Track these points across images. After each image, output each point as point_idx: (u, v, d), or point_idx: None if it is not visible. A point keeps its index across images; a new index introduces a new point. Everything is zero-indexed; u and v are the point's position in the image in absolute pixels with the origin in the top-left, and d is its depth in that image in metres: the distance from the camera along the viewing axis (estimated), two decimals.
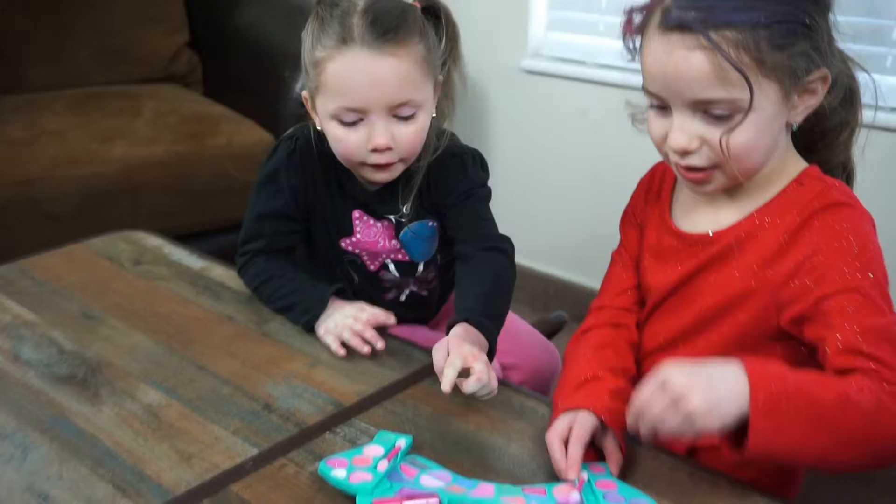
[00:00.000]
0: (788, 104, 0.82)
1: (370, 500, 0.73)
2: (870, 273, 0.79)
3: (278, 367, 0.98)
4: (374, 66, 0.97)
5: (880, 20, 1.72)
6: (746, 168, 0.83)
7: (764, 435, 0.70)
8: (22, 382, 0.95)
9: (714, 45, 0.76)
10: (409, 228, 1.13)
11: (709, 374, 0.72)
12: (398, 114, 1.00)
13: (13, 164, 1.86)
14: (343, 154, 1.04)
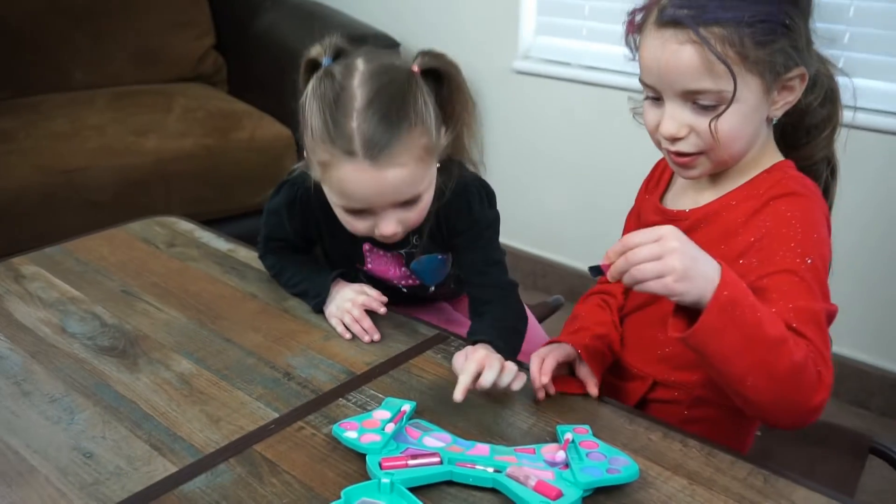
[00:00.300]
0: (769, 98, 0.82)
1: (379, 458, 0.73)
2: (808, 259, 0.79)
3: (297, 339, 0.98)
4: (378, 177, 0.87)
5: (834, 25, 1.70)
6: (732, 153, 0.84)
7: (709, 328, 0.70)
8: (69, 353, 0.95)
9: (702, 40, 0.77)
10: (418, 262, 1.06)
11: (697, 251, 0.72)
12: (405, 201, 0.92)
13: (58, 155, 1.85)
14: (350, 229, 0.97)
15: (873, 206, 1.69)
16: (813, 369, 0.74)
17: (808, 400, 0.74)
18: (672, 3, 0.79)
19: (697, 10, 0.78)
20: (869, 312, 1.78)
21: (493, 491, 0.72)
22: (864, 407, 1.83)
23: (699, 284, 0.70)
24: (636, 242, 0.72)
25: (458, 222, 1.01)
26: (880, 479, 1.56)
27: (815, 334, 0.76)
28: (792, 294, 0.78)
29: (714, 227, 0.87)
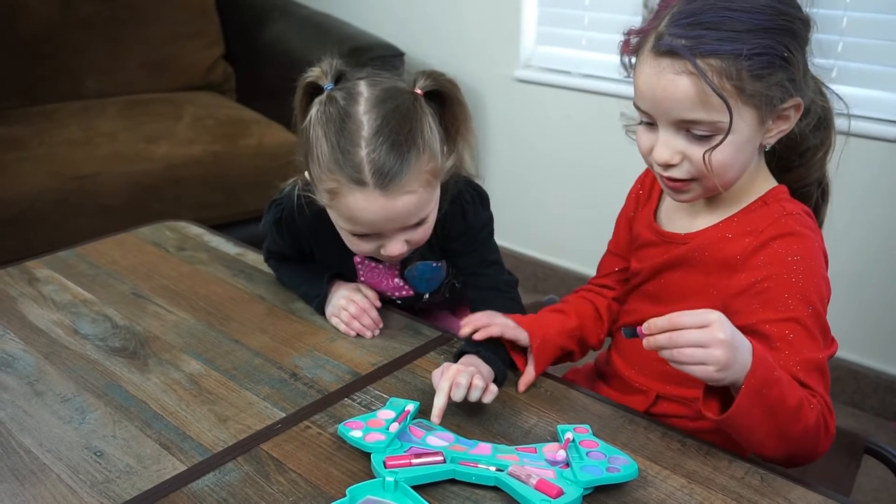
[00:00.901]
0: (763, 128, 0.80)
1: (383, 457, 0.73)
2: (810, 305, 0.79)
3: (303, 341, 0.97)
4: (388, 206, 0.86)
5: (827, 35, 1.71)
6: (723, 182, 0.82)
7: (742, 411, 0.71)
8: (81, 354, 0.95)
9: (699, 72, 0.75)
10: (413, 268, 1.03)
11: (739, 340, 0.71)
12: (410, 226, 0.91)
13: (71, 162, 1.85)
14: (355, 251, 0.96)
15: (868, 212, 1.69)
16: (822, 424, 0.76)
17: (815, 452, 0.77)
18: (670, 31, 0.77)
19: (695, 40, 0.75)
20: (864, 315, 1.77)
21: (494, 489, 0.71)
22: (859, 408, 1.82)
23: (737, 372, 0.71)
24: (684, 324, 0.71)
25: (452, 228, 1.00)
26: (875, 479, 1.55)
27: (820, 384, 0.77)
28: (797, 345, 0.78)
29: (713, 259, 0.86)
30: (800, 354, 0.77)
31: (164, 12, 2.37)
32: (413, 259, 1.02)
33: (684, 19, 0.76)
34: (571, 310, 0.98)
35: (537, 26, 2.17)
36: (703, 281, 0.86)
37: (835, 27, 1.68)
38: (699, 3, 0.77)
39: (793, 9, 0.78)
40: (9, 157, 1.83)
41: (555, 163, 2.20)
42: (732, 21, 0.75)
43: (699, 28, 0.75)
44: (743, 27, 0.75)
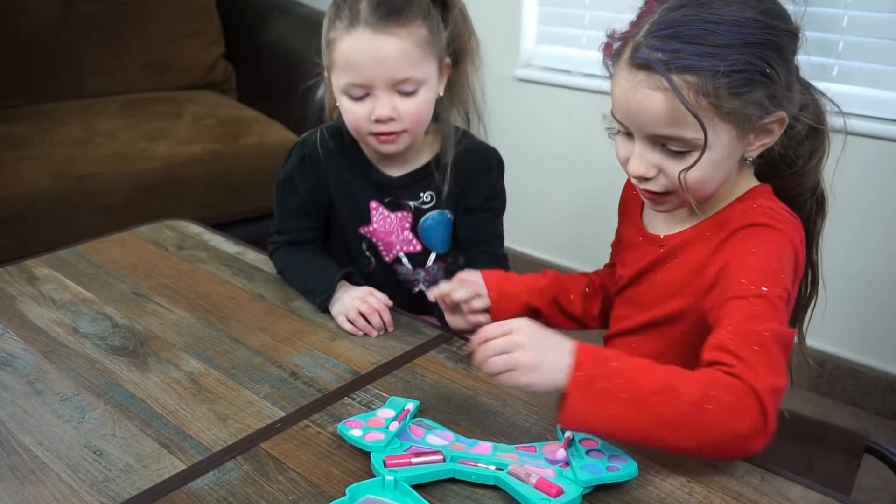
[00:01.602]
0: (743, 143, 0.78)
1: (383, 456, 0.72)
2: (764, 287, 0.74)
3: (303, 339, 0.97)
4: (376, 45, 0.94)
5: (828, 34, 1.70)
6: (699, 197, 0.80)
7: (577, 407, 0.68)
8: (80, 353, 0.95)
9: (674, 90, 0.72)
10: (427, 218, 1.08)
11: (546, 340, 0.71)
12: (401, 89, 0.98)
13: (71, 161, 1.85)
14: (352, 124, 1.01)
15: (867, 210, 1.69)
16: (719, 396, 0.67)
17: (726, 427, 0.67)
18: (647, 42, 0.74)
19: (672, 55, 0.72)
20: (864, 315, 1.77)
21: (494, 488, 0.71)
22: (860, 407, 1.82)
23: (547, 375, 0.69)
24: (489, 335, 0.72)
25: (476, 184, 1.07)
26: (876, 478, 1.55)
27: (753, 355, 0.70)
28: (738, 318, 0.73)
29: (687, 258, 0.84)
30: (738, 326, 0.72)
31: (165, 11, 2.37)
32: (427, 211, 1.08)
33: (662, 30, 0.74)
34: (550, 273, 0.99)
35: (538, 25, 2.17)
36: (679, 282, 0.85)
37: (835, 26, 1.68)
38: (679, 14, 0.74)
39: (779, 21, 0.75)
40: (9, 156, 1.83)
41: (555, 161, 2.20)
42: (712, 35, 0.72)
43: (677, 41, 0.73)
44: (723, 42, 0.72)
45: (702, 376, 0.69)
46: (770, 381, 0.69)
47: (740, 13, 0.73)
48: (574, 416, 0.68)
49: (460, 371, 0.89)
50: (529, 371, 0.69)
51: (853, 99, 1.68)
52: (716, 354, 0.71)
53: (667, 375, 0.69)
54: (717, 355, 0.71)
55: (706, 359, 0.72)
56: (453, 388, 0.86)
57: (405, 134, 1.01)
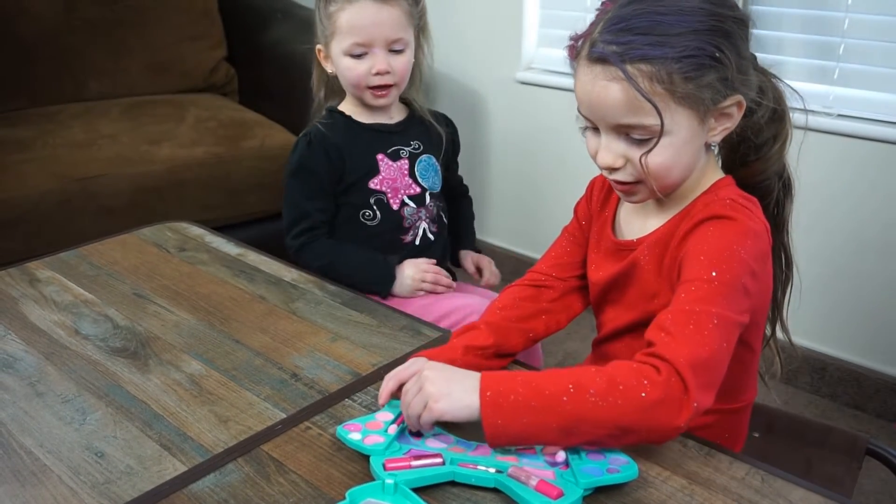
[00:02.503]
0: (705, 127, 0.80)
1: (382, 459, 0.72)
2: (713, 272, 0.75)
3: (304, 341, 0.97)
4: (376, 11, 1.20)
5: (829, 37, 1.70)
6: (665, 185, 0.82)
7: (495, 424, 0.69)
8: (82, 354, 0.95)
9: (628, 79, 0.75)
10: (421, 160, 1.31)
11: (452, 374, 0.74)
12: (393, 48, 1.22)
13: (74, 163, 1.85)
14: (353, 80, 1.24)
15: (869, 213, 1.68)
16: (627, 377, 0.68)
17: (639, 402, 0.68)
18: (602, 38, 0.77)
19: (625, 46, 0.76)
20: (865, 317, 1.77)
21: (494, 491, 0.71)
22: (861, 409, 1.82)
23: (458, 398, 0.71)
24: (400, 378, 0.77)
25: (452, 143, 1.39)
26: (877, 481, 1.55)
27: (683, 332, 0.71)
28: (680, 300, 0.74)
29: (657, 256, 0.85)
30: (680, 307, 0.74)
31: (167, 14, 2.37)
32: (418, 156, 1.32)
33: (615, 25, 0.77)
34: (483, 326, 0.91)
35: (539, 28, 2.17)
36: (657, 280, 0.86)
37: (836, 29, 1.68)
38: (630, 9, 0.77)
39: (724, 8, 0.78)
40: (12, 158, 1.83)
41: (556, 164, 2.19)
42: (661, 25, 0.75)
43: (629, 34, 0.76)
44: (672, 31, 0.75)
45: (609, 367, 0.71)
46: (691, 353, 0.69)
47: (686, 3, 0.76)
48: (495, 432, 0.70)
49: None
50: (440, 399, 0.71)
51: (854, 102, 1.68)
52: (652, 333, 0.74)
53: (572, 375, 0.70)
54: (652, 334, 0.73)
55: (647, 337, 0.74)
56: None
57: (394, 88, 1.26)
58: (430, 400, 0.72)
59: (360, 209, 1.28)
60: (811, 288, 1.85)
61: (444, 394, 0.72)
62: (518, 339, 0.92)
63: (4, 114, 2.11)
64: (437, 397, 0.72)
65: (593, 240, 0.97)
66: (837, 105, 1.69)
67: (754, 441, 1.03)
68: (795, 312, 0.97)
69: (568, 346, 1.94)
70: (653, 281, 0.86)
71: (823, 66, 1.71)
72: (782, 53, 1.77)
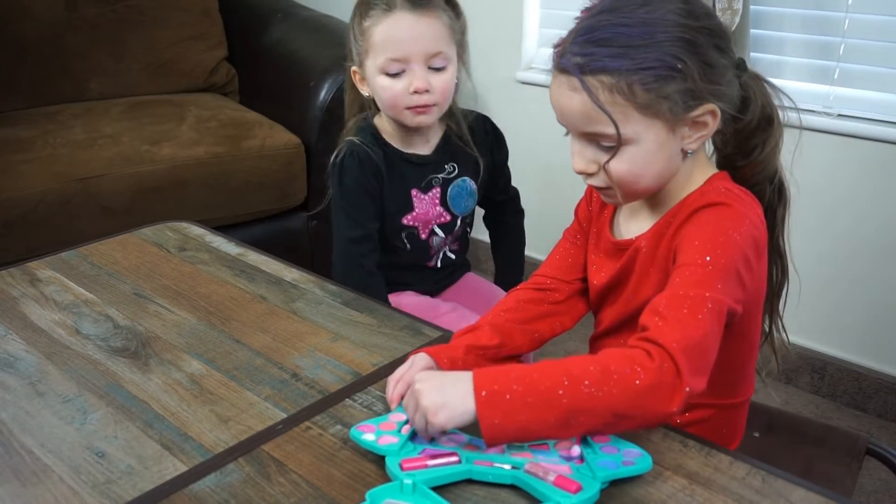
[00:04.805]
0: (676, 136, 0.81)
1: (398, 460, 0.72)
2: (708, 256, 0.76)
3: (304, 341, 0.97)
4: (413, 24, 1.10)
5: (829, 37, 1.70)
6: (633, 191, 0.83)
7: (492, 423, 0.69)
8: (82, 354, 0.95)
9: (585, 90, 0.77)
10: (455, 186, 1.25)
11: (443, 381, 0.73)
12: (432, 65, 1.13)
13: (75, 163, 1.85)
14: (390, 101, 1.15)
15: (869, 213, 1.68)
16: (620, 365, 0.69)
17: (633, 388, 0.68)
18: (570, 49, 0.79)
19: (588, 58, 0.77)
20: (866, 317, 1.77)
21: (511, 487, 0.71)
22: (861, 409, 1.82)
23: (457, 405, 0.70)
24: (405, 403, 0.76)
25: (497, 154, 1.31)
26: (877, 480, 1.55)
27: (676, 316, 0.72)
28: (675, 284, 0.75)
29: (652, 249, 0.86)
30: (674, 291, 0.74)
31: (168, 15, 2.37)
32: (452, 181, 1.25)
33: (582, 36, 0.79)
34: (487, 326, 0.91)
35: (539, 29, 2.17)
36: (656, 276, 0.86)
37: (837, 29, 1.68)
38: (597, 19, 0.79)
39: (691, 19, 0.78)
40: (13, 158, 1.83)
41: (556, 164, 2.19)
42: (622, 37, 0.77)
43: (592, 45, 0.77)
44: (634, 42, 0.76)
45: (601, 355, 0.71)
46: (683, 337, 0.70)
47: (653, 14, 0.77)
48: (493, 432, 0.69)
49: None
50: (437, 411, 0.71)
51: (854, 101, 1.68)
52: (646, 317, 0.74)
53: (566, 367, 0.70)
54: (646, 318, 0.74)
55: (641, 322, 0.74)
56: None
57: (435, 107, 1.16)
58: (427, 414, 0.71)
59: (390, 240, 1.26)
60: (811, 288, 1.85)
61: (440, 405, 0.71)
62: (523, 339, 0.92)
63: (4, 114, 2.11)
64: (434, 410, 0.71)
65: (592, 241, 0.97)
66: (837, 105, 1.69)
67: (754, 441, 1.03)
68: (795, 312, 0.97)
69: (569, 346, 1.94)
70: (652, 277, 0.87)
71: (823, 66, 1.71)
72: (782, 53, 1.77)
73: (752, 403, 0.99)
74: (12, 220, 1.73)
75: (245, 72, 2.45)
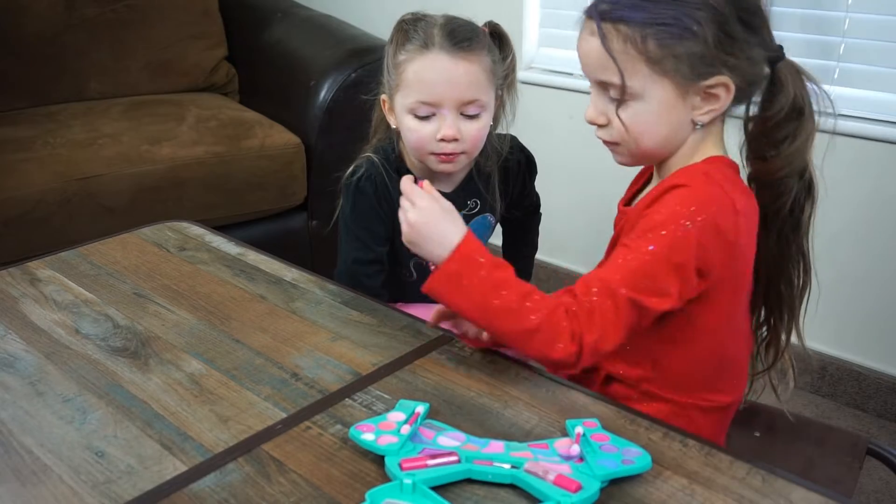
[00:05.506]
0: (687, 103, 0.82)
1: (398, 459, 0.72)
2: (650, 245, 0.79)
3: (304, 340, 0.97)
4: (450, 66, 1.01)
5: (829, 37, 1.70)
6: (637, 151, 0.86)
7: (437, 291, 0.81)
8: (82, 354, 0.95)
9: (600, 34, 0.81)
10: (473, 222, 1.17)
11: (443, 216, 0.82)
12: (465, 112, 1.05)
13: (75, 163, 1.85)
14: (415, 143, 1.08)
15: (872, 213, 1.68)
16: (548, 333, 0.78)
17: (548, 352, 0.79)
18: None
19: (611, 6, 0.81)
20: (867, 317, 1.77)
21: (510, 487, 0.71)
22: (862, 409, 1.82)
23: (431, 245, 0.81)
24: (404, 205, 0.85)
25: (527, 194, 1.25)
26: (878, 481, 1.55)
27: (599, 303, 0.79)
28: (611, 266, 0.81)
29: (632, 222, 0.87)
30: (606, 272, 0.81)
31: (168, 14, 2.37)
32: (472, 217, 1.18)
33: None
34: None
35: (540, 28, 2.17)
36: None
37: (836, 29, 1.68)
38: None
39: None
40: (12, 157, 1.83)
41: (557, 164, 2.19)
42: None
43: None
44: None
45: (545, 309, 0.78)
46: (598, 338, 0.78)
47: None
48: (433, 291, 0.81)
49: (461, 372, 0.89)
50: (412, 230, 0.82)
51: (854, 101, 1.68)
52: (579, 286, 0.81)
53: (516, 299, 0.78)
54: (579, 287, 0.81)
55: (576, 287, 0.81)
56: (454, 389, 0.86)
57: (463, 156, 1.08)
58: (405, 224, 0.83)
59: (397, 268, 1.21)
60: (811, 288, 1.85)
61: (420, 232, 0.82)
62: None
63: (4, 113, 2.11)
64: (410, 228, 0.82)
65: None
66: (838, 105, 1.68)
67: (754, 441, 1.03)
68: None
69: None
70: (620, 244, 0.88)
71: (824, 66, 1.71)
72: None
73: (753, 403, 0.98)
74: (12, 219, 1.73)
75: (245, 71, 2.45)
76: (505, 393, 0.85)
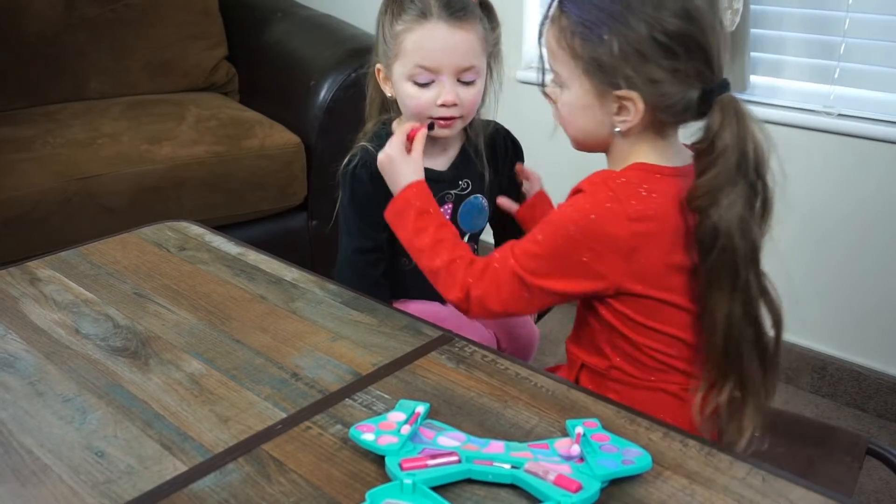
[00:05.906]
0: (604, 107, 0.85)
1: (398, 460, 0.72)
2: (539, 236, 0.88)
3: (304, 340, 0.97)
4: (448, 35, 1.07)
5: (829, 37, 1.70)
6: (569, 134, 0.95)
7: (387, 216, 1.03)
8: (82, 354, 0.95)
9: (549, 19, 0.88)
10: (468, 202, 1.22)
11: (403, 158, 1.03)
12: (462, 78, 1.10)
13: (75, 163, 1.85)
14: (414, 109, 1.12)
15: (871, 213, 1.68)
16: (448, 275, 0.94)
17: (445, 293, 0.95)
18: None
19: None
20: (866, 317, 1.77)
21: (511, 487, 0.71)
22: (861, 409, 1.82)
23: (390, 179, 1.04)
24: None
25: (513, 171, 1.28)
26: (878, 481, 1.55)
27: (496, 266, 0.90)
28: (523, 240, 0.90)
29: None
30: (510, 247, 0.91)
31: (168, 14, 2.37)
32: (465, 197, 1.22)
33: None
34: None
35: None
36: None
37: (837, 28, 1.68)
38: None
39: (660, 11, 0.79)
40: (12, 157, 1.83)
41: (557, 164, 2.19)
42: None
43: None
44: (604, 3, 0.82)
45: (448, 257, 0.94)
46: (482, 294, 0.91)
47: None
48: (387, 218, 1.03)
49: (461, 372, 0.89)
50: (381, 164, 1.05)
51: (855, 101, 1.68)
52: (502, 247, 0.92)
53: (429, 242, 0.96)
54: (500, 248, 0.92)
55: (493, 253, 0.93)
56: (454, 389, 0.86)
57: (460, 120, 1.14)
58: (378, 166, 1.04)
59: (398, 255, 1.21)
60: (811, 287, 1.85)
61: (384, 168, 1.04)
62: None
63: (4, 113, 2.11)
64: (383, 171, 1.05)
65: None
66: (838, 105, 1.69)
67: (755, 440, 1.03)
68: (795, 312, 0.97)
69: None
70: None
71: (824, 66, 1.72)
72: (783, 53, 1.77)
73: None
74: (12, 219, 1.73)
75: (245, 71, 2.45)
76: (505, 393, 0.85)
